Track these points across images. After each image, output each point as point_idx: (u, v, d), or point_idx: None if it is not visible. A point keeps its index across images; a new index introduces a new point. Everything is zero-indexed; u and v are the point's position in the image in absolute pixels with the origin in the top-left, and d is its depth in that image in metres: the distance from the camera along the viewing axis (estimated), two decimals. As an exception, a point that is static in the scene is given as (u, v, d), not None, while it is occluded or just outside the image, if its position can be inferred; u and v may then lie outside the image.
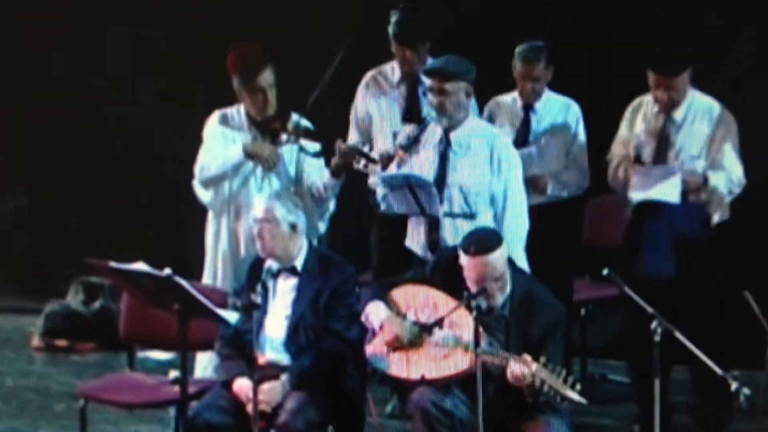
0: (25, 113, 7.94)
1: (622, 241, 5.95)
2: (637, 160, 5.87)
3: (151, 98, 7.77)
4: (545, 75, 6.22)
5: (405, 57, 6.27)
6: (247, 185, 5.84)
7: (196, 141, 6.00)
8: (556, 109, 6.26)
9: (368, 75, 6.46)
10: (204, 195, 5.94)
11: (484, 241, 5.17)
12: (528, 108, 6.27)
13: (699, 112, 5.83)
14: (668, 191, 5.69)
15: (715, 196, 5.77)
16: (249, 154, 5.79)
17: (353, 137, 6.46)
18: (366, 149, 5.77)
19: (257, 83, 5.76)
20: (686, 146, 5.80)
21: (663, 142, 5.80)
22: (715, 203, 5.79)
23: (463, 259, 5.17)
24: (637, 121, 5.93)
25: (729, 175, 5.78)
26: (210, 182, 5.87)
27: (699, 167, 5.77)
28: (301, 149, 5.78)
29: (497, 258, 5.12)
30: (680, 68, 5.75)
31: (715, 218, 5.87)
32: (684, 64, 5.77)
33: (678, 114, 5.83)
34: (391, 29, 6.28)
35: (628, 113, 5.99)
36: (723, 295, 5.73)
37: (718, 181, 5.76)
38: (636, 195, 5.79)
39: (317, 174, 5.84)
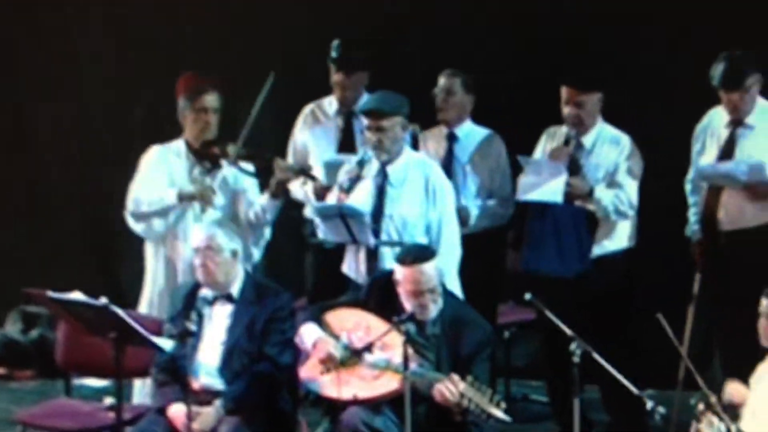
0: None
1: (509, 239, 6.18)
2: None
3: (87, 129, 7.77)
4: (463, 95, 6.36)
5: (342, 83, 6.40)
6: (185, 215, 5.93)
7: (131, 171, 6.04)
8: (479, 139, 6.42)
9: (307, 108, 6.59)
10: (136, 226, 6.02)
11: (420, 252, 5.37)
12: (451, 138, 6.44)
13: (606, 140, 6.09)
14: (553, 191, 5.94)
15: (599, 209, 6.00)
16: (183, 198, 5.89)
17: None
18: (304, 168, 5.89)
19: (202, 102, 5.90)
20: (593, 171, 6.05)
21: (572, 165, 6.05)
22: (601, 217, 6.00)
23: (399, 272, 5.32)
24: (548, 147, 6.18)
25: (619, 193, 6.00)
26: (141, 218, 5.97)
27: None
28: (241, 170, 5.91)
29: (431, 269, 5.30)
30: (590, 86, 6.02)
31: (624, 243, 6.08)
32: (594, 84, 6.03)
33: (587, 141, 6.10)
34: (331, 53, 6.41)
35: (542, 138, 6.22)
36: (637, 318, 5.90)
37: (604, 195, 5.99)
38: (522, 196, 6.02)
39: (255, 194, 5.96)
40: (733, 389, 5.07)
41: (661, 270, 6.31)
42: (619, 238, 6.07)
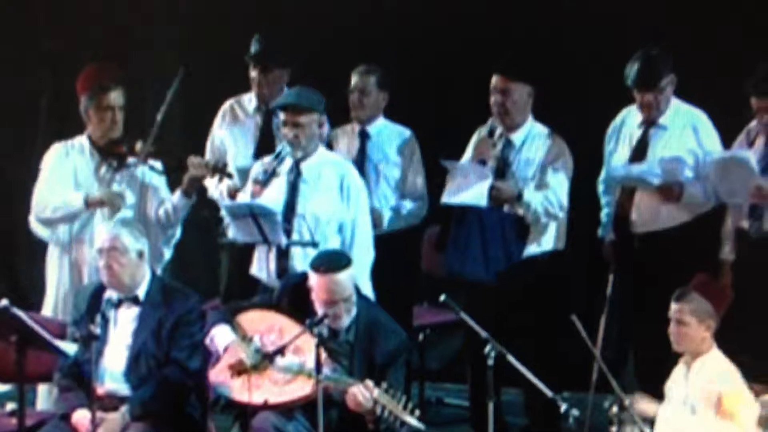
0: None
1: (434, 243, 6.14)
2: None
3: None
4: (377, 93, 6.29)
5: (258, 80, 6.31)
6: (92, 220, 5.81)
7: (34, 169, 5.91)
8: (392, 136, 6.36)
9: (226, 104, 6.50)
10: (41, 231, 5.89)
11: (334, 260, 5.28)
12: (364, 136, 6.37)
13: (536, 138, 6.07)
14: (477, 195, 5.91)
15: (528, 212, 5.97)
16: (90, 204, 5.76)
17: None
18: (219, 165, 5.83)
19: (106, 101, 5.78)
20: (522, 169, 6.02)
21: (501, 165, 6.03)
22: (531, 220, 5.97)
23: (313, 279, 5.25)
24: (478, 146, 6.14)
25: (548, 194, 5.97)
26: (47, 223, 5.84)
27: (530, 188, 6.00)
28: (151, 168, 5.82)
29: (346, 278, 5.23)
30: (517, 75, 5.97)
31: (551, 245, 6.05)
32: (522, 74, 5.98)
33: (517, 138, 6.06)
34: (251, 49, 6.32)
35: (473, 137, 6.18)
36: (553, 319, 5.87)
37: (532, 197, 5.97)
38: (447, 198, 5.98)
39: (165, 192, 5.87)
40: (642, 405, 5.02)
41: (579, 271, 6.26)
42: (546, 240, 6.04)
